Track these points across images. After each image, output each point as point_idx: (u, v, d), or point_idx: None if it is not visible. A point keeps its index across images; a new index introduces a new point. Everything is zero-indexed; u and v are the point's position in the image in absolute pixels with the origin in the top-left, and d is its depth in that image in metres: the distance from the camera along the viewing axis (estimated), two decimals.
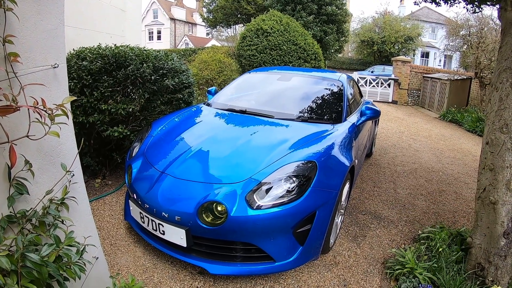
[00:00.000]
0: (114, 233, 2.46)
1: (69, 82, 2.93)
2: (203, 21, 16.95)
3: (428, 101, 11.15)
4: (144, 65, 3.03)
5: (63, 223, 1.41)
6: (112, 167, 3.58)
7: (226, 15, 13.42)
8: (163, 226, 1.86)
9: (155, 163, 2.14)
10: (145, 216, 1.96)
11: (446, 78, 10.04)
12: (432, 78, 10.97)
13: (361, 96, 4.23)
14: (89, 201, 2.97)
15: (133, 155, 2.42)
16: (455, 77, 9.98)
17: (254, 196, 1.77)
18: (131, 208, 2.19)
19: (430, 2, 3.80)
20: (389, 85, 11.82)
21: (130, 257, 2.18)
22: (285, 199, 1.77)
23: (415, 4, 4.28)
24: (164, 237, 1.90)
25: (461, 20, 10.51)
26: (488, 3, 3.30)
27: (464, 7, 3.51)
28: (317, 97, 2.94)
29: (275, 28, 7.44)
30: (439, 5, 3.81)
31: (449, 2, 3.64)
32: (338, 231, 2.46)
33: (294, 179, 1.83)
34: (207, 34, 34.64)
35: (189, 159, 2.09)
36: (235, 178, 1.87)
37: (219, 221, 1.75)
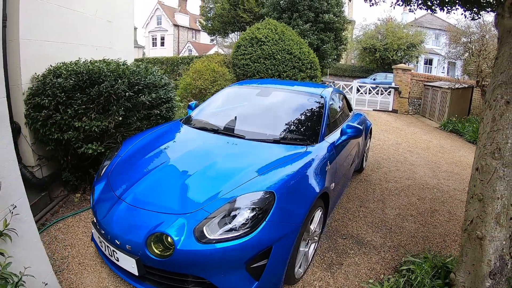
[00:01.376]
0: (84, 252, 2.44)
1: (43, 99, 2.92)
2: (201, 28, 16.98)
3: (429, 110, 10.95)
4: (119, 81, 2.95)
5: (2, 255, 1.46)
6: (92, 181, 3.54)
7: (223, 23, 13.38)
8: (116, 253, 1.84)
9: (115, 187, 2.09)
10: (102, 241, 1.95)
11: (447, 86, 9.85)
12: (433, 86, 10.78)
13: (350, 110, 4.09)
14: (66, 217, 2.98)
15: (101, 175, 2.38)
16: (456, 86, 9.78)
17: (204, 229, 1.68)
18: (93, 231, 2.17)
19: (425, 9, 3.67)
20: (389, 93, 11.64)
21: (95, 277, 2.15)
22: (236, 233, 1.67)
23: (410, 12, 4.17)
24: (119, 263, 1.87)
25: (463, 27, 10.33)
26: (488, 9, 3.14)
27: (462, 14, 3.37)
28: (294, 114, 2.80)
29: (269, 37, 7.34)
30: (434, 12, 3.69)
31: (446, 8, 3.50)
32: (310, 259, 2.32)
33: (249, 211, 1.72)
34: (211, 40, 34.85)
35: (146, 185, 2.01)
36: (186, 208, 1.79)
37: (167, 253, 1.68)
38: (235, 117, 2.87)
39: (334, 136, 2.74)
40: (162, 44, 34.44)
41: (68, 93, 2.90)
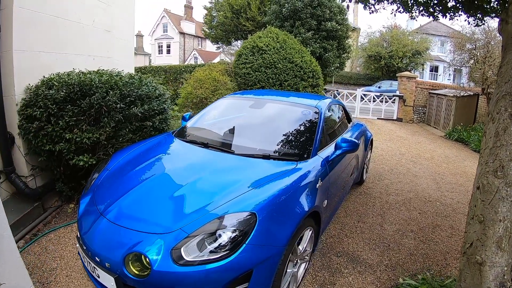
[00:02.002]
0: (72, 264, 2.43)
1: (35, 111, 2.92)
2: (205, 36, 17.07)
3: (434, 118, 10.77)
4: (110, 93, 2.92)
5: None
6: None
7: (226, 31, 13.43)
8: (97, 270, 1.81)
9: (99, 203, 2.04)
10: (84, 256, 1.92)
11: (452, 94, 9.70)
12: (438, 94, 10.62)
13: (350, 121, 4.00)
14: (58, 228, 3.00)
15: (88, 188, 2.34)
16: (462, 94, 9.62)
17: (182, 250, 1.61)
18: (77, 245, 2.12)
19: (427, 16, 3.59)
20: (393, 102, 11.50)
21: None
22: (215, 256, 1.60)
23: (412, 19, 4.11)
24: (100, 280, 1.84)
25: (468, 33, 10.20)
26: (492, 15, 3.04)
27: (465, 20, 3.26)
28: (287, 128, 2.70)
29: (271, 45, 7.30)
30: (437, 19, 3.60)
31: (449, 15, 3.40)
32: (300, 279, 2.22)
33: (228, 233, 1.65)
34: (217, 48, 35.12)
35: (128, 202, 1.96)
36: (165, 228, 1.72)
37: (145, 273, 1.63)
38: (227, 130, 2.81)
39: (329, 150, 2.63)
40: (168, 51, 34.80)
41: (60, 104, 2.89)
